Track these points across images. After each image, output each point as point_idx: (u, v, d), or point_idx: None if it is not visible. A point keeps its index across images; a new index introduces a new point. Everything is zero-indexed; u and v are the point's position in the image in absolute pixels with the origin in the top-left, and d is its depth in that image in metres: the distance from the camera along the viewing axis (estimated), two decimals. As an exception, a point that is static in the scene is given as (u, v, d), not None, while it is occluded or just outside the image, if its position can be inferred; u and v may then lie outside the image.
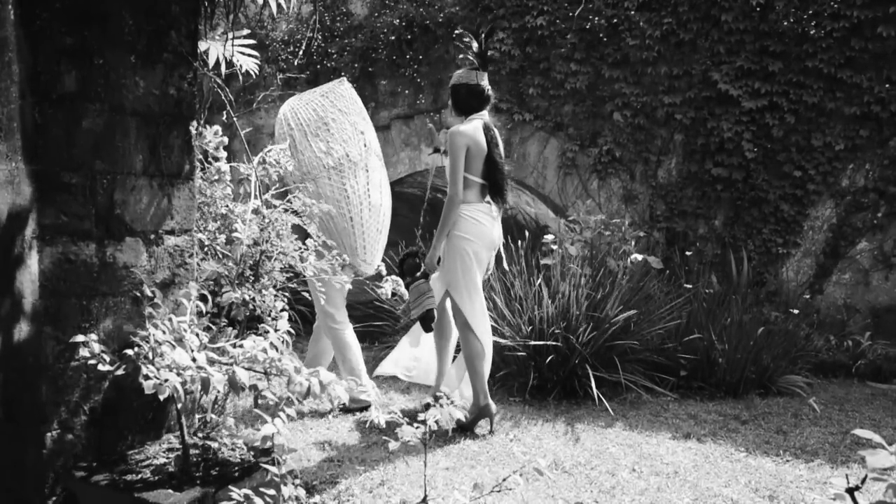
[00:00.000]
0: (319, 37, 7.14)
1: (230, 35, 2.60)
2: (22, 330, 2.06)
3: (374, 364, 5.14)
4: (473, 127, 3.68)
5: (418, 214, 7.75)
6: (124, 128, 2.21)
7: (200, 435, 2.31)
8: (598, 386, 4.21)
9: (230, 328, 2.82)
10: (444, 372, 4.03)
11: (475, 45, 3.76)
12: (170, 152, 2.36)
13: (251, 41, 3.13)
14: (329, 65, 7.05)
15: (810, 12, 5.51)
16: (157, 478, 1.99)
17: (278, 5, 2.72)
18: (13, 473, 2.11)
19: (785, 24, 5.58)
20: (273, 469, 1.92)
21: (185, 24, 2.38)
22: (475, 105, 3.75)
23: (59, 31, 2.03)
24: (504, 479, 1.89)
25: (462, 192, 3.67)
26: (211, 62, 2.85)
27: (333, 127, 3.73)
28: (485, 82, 3.74)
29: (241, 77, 3.10)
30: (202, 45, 2.78)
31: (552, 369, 4.31)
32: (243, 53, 3.05)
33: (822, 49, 5.47)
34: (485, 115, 3.77)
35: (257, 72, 3.12)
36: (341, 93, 3.77)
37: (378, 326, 5.47)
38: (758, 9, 5.64)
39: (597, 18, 6.12)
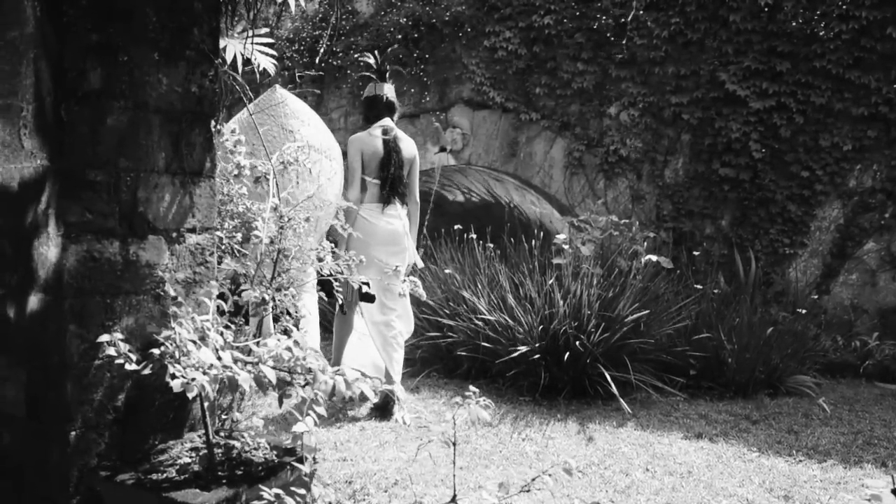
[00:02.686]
0: (326, 35, 7.13)
1: (250, 33, 2.58)
2: (47, 328, 2.05)
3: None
4: (369, 133, 4.08)
5: (422, 213, 7.75)
6: (148, 125, 2.20)
7: (222, 434, 2.30)
8: (608, 385, 4.20)
9: (247, 327, 2.81)
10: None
11: (372, 61, 4.21)
12: (191, 150, 2.34)
13: (269, 39, 3.12)
14: (335, 63, 7.04)
15: (819, 13, 5.51)
16: (182, 477, 1.98)
17: (297, 3, 2.71)
18: (36, 472, 2.10)
19: (793, 24, 5.58)
20: (303, 468, 1.91)
21: (207, 21, 2.36)
22: (376, 113, 4.15)
23: (86, 28, 2.02)
24: (533, 479, 1.89)
25: (357, 194, 4.04)
26: (228, 60, 2.84)
27: (260, 130, 3.98)
28: (383, 91, 4.15)
29: (258, 75, 3.09)
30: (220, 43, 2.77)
31: (563, 369, 4.31)
32: (261, 52, 3.04)
33: (831, 50, 5.47)
34: (386, 122, 4.12)
35: (274, 70, 3.12)
36: (271, 100, 4.05)
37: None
38: (766, 9, 5.65)
39: (604, 18, 6.12)
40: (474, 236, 5.31)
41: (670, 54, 5.98)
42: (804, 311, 4.94)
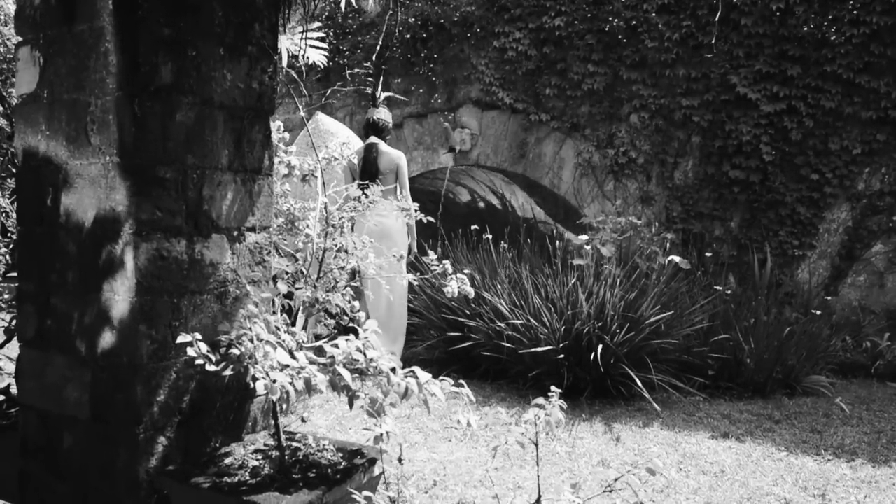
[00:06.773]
0: (332, 34, 7.07)
1: (304, 28, 2.55)
2: (116, 329, 2.00)
3: (403, 362, 5.10)
4: (358, 150, 4.85)
5: (429, 214, 7.72)
6: (213, 122, 2.16)
7: (284, 436, 2.27)
8: (630, 386, 4.22)
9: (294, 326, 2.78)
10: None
11: (370, 89, 5.04)
12: (252, 147, 2.31)
13: (321, 34, 3.09)
14: (342, 62, 6.99)
15: (830, 17, 5.58)
16: (256, 480, 1.94)
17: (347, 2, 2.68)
18: (102, 475, 2.05)
19: (804, 28, 5.64)
20: (386, 469, 1.89)
21: (268, 16, 2.33)
22: (366, 133, 4.94)
23: (158, 22, 1.98)
24: (616, 479, 1.88)
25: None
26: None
27: (293, 149, 4.63)
28: (373, 114, 4.90)
29: (304, 70, 3.07)
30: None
31: (585, 369, 4.31)
32: (313, 46, 3.01)
33: (841, 54, 5.54)
34: (371, 139, 4.86)
35: (325, 63, 3.09)
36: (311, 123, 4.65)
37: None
38: (777, 13, 5.70)
39: (615, 20, 6.14)
40: (489, 237, 5.30)
41: (681, 57, 6.02)
42: (818, 312, 5.00)
